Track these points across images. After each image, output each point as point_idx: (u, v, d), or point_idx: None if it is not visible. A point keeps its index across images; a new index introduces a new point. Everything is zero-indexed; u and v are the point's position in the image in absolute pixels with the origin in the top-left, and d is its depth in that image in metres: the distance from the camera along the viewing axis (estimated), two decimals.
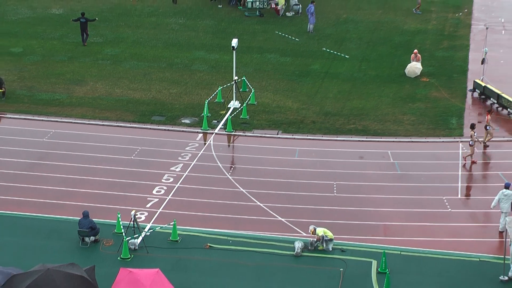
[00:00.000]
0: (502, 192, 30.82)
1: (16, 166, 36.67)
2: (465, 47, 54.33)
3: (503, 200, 30.68)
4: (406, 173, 36.68)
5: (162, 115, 42.72)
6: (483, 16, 61.92)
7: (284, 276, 28.49)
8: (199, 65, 50.48)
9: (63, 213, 32.61)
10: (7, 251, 29.79)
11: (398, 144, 39.66)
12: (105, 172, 36.43)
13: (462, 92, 46.14)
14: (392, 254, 29.59)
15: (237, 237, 30.97)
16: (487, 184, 36.19)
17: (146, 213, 32.75)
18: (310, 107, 43.93)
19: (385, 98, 45.29)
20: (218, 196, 34.30)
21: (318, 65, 50.62)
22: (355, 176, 36.32)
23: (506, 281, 28.07)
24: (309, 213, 32.94)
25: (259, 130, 41.20)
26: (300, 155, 38.45)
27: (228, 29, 57.74)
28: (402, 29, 58.28)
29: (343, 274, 28.57)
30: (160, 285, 24.09)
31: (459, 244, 30.72)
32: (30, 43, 54.35)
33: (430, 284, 28.07)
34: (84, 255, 29.49)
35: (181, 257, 29.57)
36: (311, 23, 57.18)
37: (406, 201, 34.08)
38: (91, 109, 43.24)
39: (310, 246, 30.09)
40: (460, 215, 33.13)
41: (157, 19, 60.60)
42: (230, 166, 37.39)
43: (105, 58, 51.57)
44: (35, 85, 46.76)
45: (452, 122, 42.02)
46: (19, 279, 23.78)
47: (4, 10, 62.38)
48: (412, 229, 31.92)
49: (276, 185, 35.38)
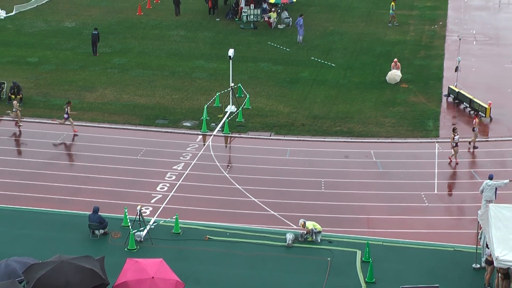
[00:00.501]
0: (486, 182, 31.20)
1: (33, 165, 36.53)
2: (440, 56, 54.24)
3: (486, 190, 31.10)
4: (387, 171, 36.59)
5: (165, 118, 42.57)
6: (457, 28, 61.84)
7: (277, 265, 28.41)
8: (199, 73, 50.32)
9: (75, 208, 32.51)
10: (25, 242, 29.73)
11: (380, 145, 39.56)
12: (113, 170, 36.29)
13: (438, 97, 46.05)
14: (375, 245, 29.50)
15: (234, 230, 30.87)
16: (461, 181, 36.12)
17: (150, 208, 32.63)
18: (300, 111, 43.81)
19: (368, 103, 45.18)
20: (216, 192, 34.19)
21: (307, 73, 50.49)
22: (341, 174, 36.22)
23: (478, 268, 28.03)
24: (299, 207, 32.84)
25: (254, 132, 41.07)
26: (291, 155, 38.33)
27: (225, 40, 57.57)
28: (383, 40, 58.17)
29: (330, 263, 28.49)
30: (163, 273, 23.96)
31: (436, 235, 30.67)
32: (45, 54, 54.13)
33: (409, 271, 28.00)
34: (94, 246, 29.39)
35: (183, 248, 29.47)
36: (300, 34, 57.06)
37: (388, 196, 34.00)
38: (100, 113, 43.07)
39: (300, 237, 30.00)
40: (436, 209, 33.06)
41: (160, 31, 60.40)
42: (227, 165, 37.26)
43: (113, 67, 51.38)
44: (49, 92, 46.58)
45: (429, 124, 41.94)
46: (36, 268, 23.70)
47: (22, 24, 62.14)
48: (393, 222, 31.86)
49: (269, 182, 35.26)
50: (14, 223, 31.23)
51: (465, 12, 67.52)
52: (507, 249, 24.93)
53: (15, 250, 28.50)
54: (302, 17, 57.19)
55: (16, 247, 29.06)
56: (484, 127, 41.64)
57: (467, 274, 27.89)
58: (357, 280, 27.46)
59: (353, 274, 27.81)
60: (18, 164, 36.79)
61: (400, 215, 32.42)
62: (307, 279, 27.52)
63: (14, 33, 59.37)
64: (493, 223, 25.85)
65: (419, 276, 27.61)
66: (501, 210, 26.32)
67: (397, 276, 27.65)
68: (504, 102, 45.08)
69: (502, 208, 26.57)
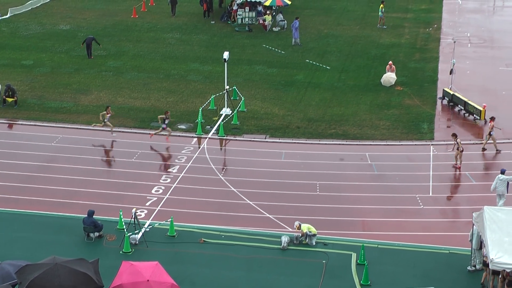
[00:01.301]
0: (498, 177, 32.23)
1: (28, 168, 36.47)
2: (435, 59, 54.33)
3: (499, 184, 32.11)
4: (382, 173, 36.62)
5: None
6: (451, 31, 61.96)
7: (272, 268, 28.40)
8: (193, 76, 50.32)
9: (70, 211, 32.45)
10: (20, 245, 29.68)
11: (375, 147, 39.59)
12: (108, 173, 36.27)
13: (433, 100, 46.11)
14: (370, 247, 29.51)
15: (229, 232, 30.84)
16: (456, 183, 36.16)
17: (145, 210, 32.59)
18: (294, 114, 43.82)
19: (362, 105, 45.22)
20: (212, 195, 34.17)
21: (302, 76, 50.52)
22: (336, 176, 36.23)
23: (473, 271, 28.07)
24: (294, 210, 32.84)
25: (249, 134, 41.06)
26: (286, 158, 38.33)
27: (220, 43, 57.59)
28: (378, 43, 58.25)
29: (326, 266, 28.48)
30: (159, 276, 23.93)
31: (431, 238, 30.68)
32: (40, 56, 54.08)
33: (404, 274, 28.02)
34: (89, 249, 29.35)
35: (178, 251, 29.44)
36: (295, 37, 57.10)
37: (383, 199, 34.01)
38: (95, 116, 42.96)
39: (295, 240, 29.99)
40: (432, 211, 33.08)
41: (155, 34, 60.40)
42: (222, 167, 37.24)
43: (108, 70, 51.34)
44: (44, 95, 46.52)
45: (424, 127, 41.99)
46: (30, 270, 23.61)
47: (17, 26, 62.08)
48: (388, 224, 31.87)
49: (264, 184, 35.26)
50: (9, 226, 31.15)
51: (459, 15, 67.68)
52: (501, 251, 24.98)
53: (10, 252, 28.44)
54: (298, 20, 57.26)
55: (11, 250, 28.99)
56: (479, 129, 41.71)
57: (462, 276, 27.92)
58: (352, 283, 27.46)
59: (348, 277, 27.81)
60: (14, 167, 36.70)
61: (395, 217, 32.44)
62: (302, 281, 27.51)
63: (8, 36, 59.33)
64: (488, 226, 25.90)
65: (414, 279, 27.63)
66: (496, 213, 26.38)
67: (392, 278, 27.68)
68: (498, 104, 45.17)
69: (497, 210, 26.66)
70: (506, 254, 24.89)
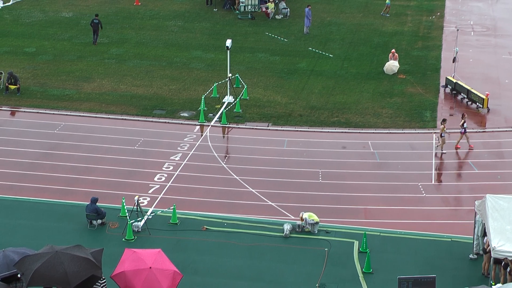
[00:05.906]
0: None
1: (31, 156, 36.50)
2: (437, 47, 54.21)
3: None
4: (384, 161, 36.62)
5: (162, 109, 42.54)
6: (454, 19, 61.80)
7: (274, 255, 28.44)
8: (196, 64, 50.27)
9: (73, 198, 32.49)
10: (23, 232, 29.73)
11: (378, 135, 39.57)
12: (111, 161, 36.29)
13: (435, 88, 46.06)
14: (372, 235, 29.54)
15: (231, 220, 30.89)
16: (458, 171, 36.18)
17: (148, 198, 32.64)
18: (297, 102, 43.79)
19: (365, 94, 45.18)
20: (214, 183, 34.20)
21: (304, 64, 50.45)
22: (339, 164, 36.24)
23: (475, 259, 28.09)
24: (297, 198, 32.87)
25: (251, 122, 41.05)
26: (289, 145, 38.33)
27: (222, 30, 57.48)
28: (380, 31, 58.12)
29: (328, 253, 28.52)
30: (161, 263, 23.95)
31: (433, 226, 30.71)
32: (43, 44, 54.02)
33: (406, 262, 28.05)
34: (92, 237, 29.40)
35: (181, 238, 29.48)
36: (307, 25, 56.86)
37: (385, 187, 34.03)
38: (98, 104, 43.03)
39: (298, 228, 30.03)
40: (434, 199, 33.10)
41: (158, 22, 60.30)
42: (224, 155, 37.26)
43: (110, 57, 51.30)
44: (47, 82, 46.50)
45: (426, 115, 41.95)
46: (30, 260, 23.53)
47: (19, 14, 62.00)
48: (390, 212, 31.90)
49: (267, 172, 35.27)
50: (12, 213, 31.21)
51: (462, 3, 67.46)
52: (504, 239, 24.99)
53: (13, 240, 28.46)
54: (309, 8, 56.85)
55: (14, 237, 29.04)
56: (482, 117, 41.68)
57: (464, 264, 27.94)
58: (354, 271, 27.51)
59: (350, 265, 27.85)
60: (17, 154, 36.73)
61: (397, 205, 32.46)
62: (305, 269, 27.55)
63: (11, 23, 59.24)
64: (490, 214, 25.90)
65: (416, 267, 27.66)
66: (498, 201, 26.36)
67: (394, 266, 27.70)
68: (501, 92, 45.13)
69: (499, 198, 26.60)
70: (508, 242, 24.89)
